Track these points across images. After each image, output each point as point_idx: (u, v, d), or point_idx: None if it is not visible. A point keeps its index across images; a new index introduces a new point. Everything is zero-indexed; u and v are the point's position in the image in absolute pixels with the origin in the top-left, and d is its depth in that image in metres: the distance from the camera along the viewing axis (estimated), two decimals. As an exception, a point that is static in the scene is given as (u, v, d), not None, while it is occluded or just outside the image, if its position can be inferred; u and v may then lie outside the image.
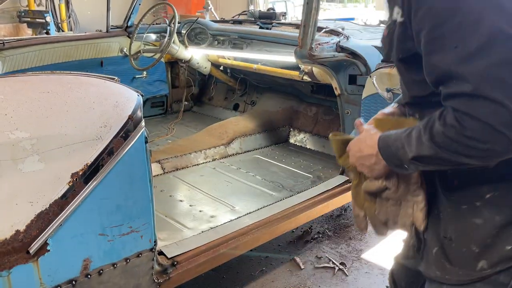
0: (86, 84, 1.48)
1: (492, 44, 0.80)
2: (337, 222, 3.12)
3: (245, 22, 3.52)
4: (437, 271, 1.09)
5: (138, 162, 1.56)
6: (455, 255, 1.05)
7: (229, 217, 2.23)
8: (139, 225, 1.61)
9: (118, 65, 3.58)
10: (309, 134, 3.33)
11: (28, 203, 1.32)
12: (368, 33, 3.12)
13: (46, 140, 1.33)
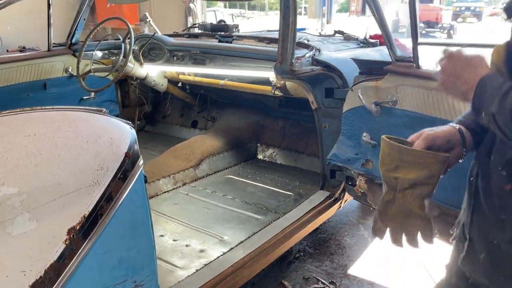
0: (74, 120, 1.26)
1: None
2: (314, 237, 3.05)
3: (202, 36, 3.35)
4: (483, 279, 1.04)
5: (139, 205, 1.36)
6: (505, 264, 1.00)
7: (221, 250, 2.06)
8: (143, 277, 1.40)
9: (63, 86, 3.25)
10: (278, 149, 3.24)
11: (20, 272, 1.08)
12: (331, 44, 3.10)
13: (37, 193, 1.09)
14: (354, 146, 2.34)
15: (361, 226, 3.23)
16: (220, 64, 2.91)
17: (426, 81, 1.88)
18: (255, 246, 2.07)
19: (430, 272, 2.62)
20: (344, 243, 2.99)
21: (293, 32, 2.22)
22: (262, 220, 2.36)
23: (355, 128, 2.33)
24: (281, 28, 2.22)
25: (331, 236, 3.07)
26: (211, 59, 2.95)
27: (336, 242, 3.01)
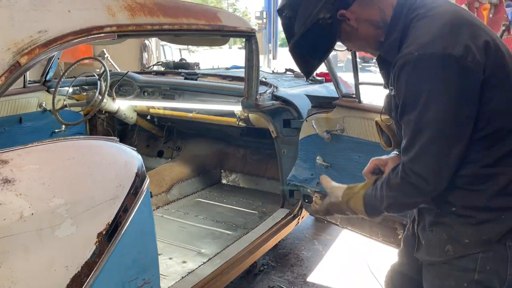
0: (97, 147, 1.56)
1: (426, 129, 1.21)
2: (275, 252, 3.40)
3: (168, 73, 3.70)
4: (426, 256, 1.46)
5: (146, 215, 1.66)
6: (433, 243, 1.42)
7: (201, 260, 2.36)
8: (150, 276, 1.68)
9: (37, 120, 3.44)
10: (240, 174, 3.60)
11: (64, 267, 1.35)
12: (284, 81, 3.55)
13: (77, 204, 1.38)
14: (309, 168, 2.76)
15: (315, 241, 3.63)
16: (189, 99, 3.26)
17: (366, 113, 2.35)
18: (231, 255, 2.39)
19: (373, 271, 3.05)
20: (301, 256, 3.37)
21: (257, 73, 2.63)
22: (233, 235, 2.68)
23: (309, 153, 2.76)
24: (246, 69, 2.62)
25: (290, 251, 3.44)
26: (180, 95, 3.29)
27: (295, 256, 3.38)
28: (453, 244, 1.36)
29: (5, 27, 1.34)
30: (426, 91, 1.19)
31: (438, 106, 1.18)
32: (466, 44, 1.16)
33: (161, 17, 1.93)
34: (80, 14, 1.57)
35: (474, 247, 1.33)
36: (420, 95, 1.20)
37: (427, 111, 1.19)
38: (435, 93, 1.18)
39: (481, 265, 1.33)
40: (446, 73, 1.17)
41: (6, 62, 1.31)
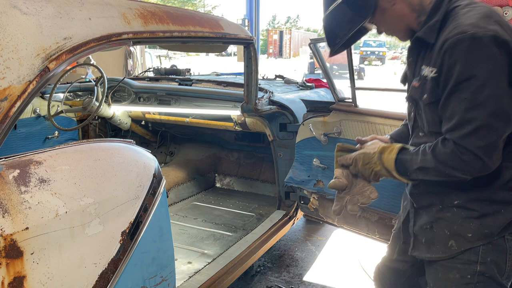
0: (119, 149, 1.62)
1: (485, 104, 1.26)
2: (271, 254, 3.48)
3: (162, 79, 3.75)
4: (426, 254, 1.54)
5: (163, 215, 1.73)
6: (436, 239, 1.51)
7: (205, 260, 2.42)
8: (167, 273, 1.75)
9: (32, 126, 3.45)
10: (234, 177, 3.68)
11: (93, 264, 1.40)
12: (277, 87, 3.66)
13: (104, 203, 1.44)
14: (306, 170, 2.86)
15: (308, 242, 3.73)
16: (185, 104, 3.32)
17: (362, 116, 2.47)
18: (234, 255, 2.46)
19: (365, 268, 3.17)
20: (296, 257, 3.46)
21: (255, 79, 2.72)
22: (234, 236, 2.76)
23: (306, 155, 2.86)
24: (245, 75, 2.71)
25: (284, 252, 3.53)
26: (176, 100, 3.36)
27: (289, 256, 3.47)
28: (456, 239, 1.45)
29: (34, 34, 1.39)
30: (483, 68, 1.23)
31: (495, 85, 1.23)
32: (509, 34, 1.27)
33: (170, 25, 2.01)
34: (99, 21, 1.63)
35: (476, 240, 1.42)
36: (476, 73, 1.23)
37: (485, 88, 1.22)
38: (492, 72, 1.23)
39: (482, 257, 1.42)
40: (499, 54, 1.23)
41: (37, 67, 1.37)
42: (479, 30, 1.23)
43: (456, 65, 1.26)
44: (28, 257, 1.20)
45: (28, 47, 1.35)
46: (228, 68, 9.77)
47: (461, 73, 1.26)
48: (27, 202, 1.21)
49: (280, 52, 38.42)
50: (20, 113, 1.32)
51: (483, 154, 1.26)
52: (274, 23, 62.04)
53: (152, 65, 9.07)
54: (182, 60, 27.80)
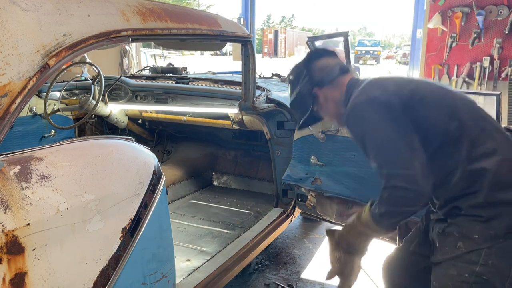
0: (118, 146, 1.62)
1: None
2: (268, 252, 3.49)
3: (158, 77, 3.75)
4: (440, 256, 1.60)
5: (163, 212, 1.73)
6: None
7: (204, 258, 2.43)
8: (167, 270, 1.75)
9: (27, 125, 3.43)
10: (232, 176, 3.68)
11: (94, 261, 1.40)
12: (274, 86, 3.66)
13: (105, 200, 1.44)
14: (304, 167, 2.87)
15: (305, 240, 3.75)
16: (182, 103, 3.32)
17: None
18: (232, 253, 2.46)
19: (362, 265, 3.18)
20: (293, 254, 3.47)
21: (253, 77, 2.73)
22: (232, 234, 2.76)
23: (304, 153, 2.87)
24: (243, 73, 2.72)
25: (281, 250, 3.54)
26: (173, 98, 3.36)
27: (287, 254, 3.48)
28: (464, 240, 1.50)
29: (34, 30, 1.39)
30: (366, 127, 1.58)
31: (379, 134, 1.54)
32: (381, 92, 1.60)
33: (169, 22, 2.01)
34: (98, 18, 1.63)
35: (483, 242, 1.46)
36: (364, 132, 1.59)
37: (374, 141, 1.56)
38: (374, 126, 1.55)
39: (484, 259, 1.46)
40: (373, 108, 1.56)
41: (36, 64, 1.37)
42: (355, 101, 1.62)
43: (352, 134, 1.68)
44: (29, 253, 1.20)
45: (27, 43, 1.35)
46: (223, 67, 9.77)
47: (356, 138, 1.64)
48: (29, 198, 1.21)
49: (275, 51, 38.43)
50: (20, 109, 1.31)
51: (407, 186, 1.46)
52: (269, 23, 62.10)
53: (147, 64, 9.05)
54: (177, 60, 27.73)
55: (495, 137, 1.54)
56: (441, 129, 1.54)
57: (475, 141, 1.50)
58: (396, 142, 1.50)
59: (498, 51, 5.00)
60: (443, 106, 1.58)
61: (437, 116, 1.55)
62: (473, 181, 1.48)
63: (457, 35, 5.24)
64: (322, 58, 1.88)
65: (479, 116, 1.59)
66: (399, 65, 29.44)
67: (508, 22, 4.90)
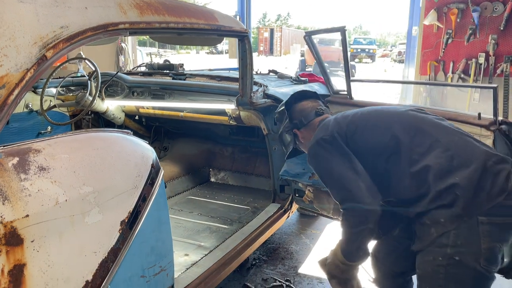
0: (117, 139, 1.61)
1: None
2: (265, 247, 3.49)
3: (155, 74, 3.74)
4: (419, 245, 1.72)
5: (162, 205, 1.73)
6: None
7: (202, 252, 2.42)
8: (166, 263, 1.75)
9: (24, 121, 3.41)
10: (229, 172, 3.68)
11: (93, 253, 1.40)
12: (271, 82, 3.66)
13: (103, 192, 1.43)
14: (301, 163, 2.87)
15: (302, 235, 3.75)
16: (179, 99, 3.31)
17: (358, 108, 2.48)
18: (230, 247, 2.46)
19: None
20: (291, 250, 3.48)
21: (250, 72, 2.72)
22: (230, 229, 2.76)
23: (301, 148, 2.87)
24: (240, 68, 2.72)
25: (279, 245, 3.55)
26: (170, 94, 3.35)
27: (284, 250, 3.48)
28: (434, 226, 1.62)
29: (31, 22, 1.38)
30: (318, 165, 1.89)
31: (328, 168, 1.83)
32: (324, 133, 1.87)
33: (166, 16, 2.00)
34: (96, 11, 1.63)
35: (450, 224, 1.58)
36: (318, 169, 1.90)
37: (326, 175, 1.86)
38: (323, 163, 1.85)
39: (453, 240, 1.57)
40: (320, 148, 1.85)
41: (34, 56, 1.36)
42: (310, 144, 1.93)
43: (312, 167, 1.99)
44: (28, 244, 1.20)
45: (25, 35, 1.34)
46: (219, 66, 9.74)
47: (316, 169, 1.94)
48: (27, 190, 1.20)
49: (271, 49, 38.42)
50: (18, 101, 1.31)
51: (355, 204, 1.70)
52: (265, 21, 62.05)
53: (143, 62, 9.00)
54: (172, 58, 27.68)
55: (431, 134, 1.71)
56: (382, 146, 1.76)
57: (412, 146, 1.70)
58: (341, 172, 1.76)
59: (494, 47, 5.02)
60: (378, 128, 1.81)
61: (375, 137, 1.79)
62: (420, 179, 1.65)
63: (452, 32, 5.26)
64: (302, 101, 2.17)
65: (413, 125, 1.77)
66: (394, 63, 29.52)
67: (503, 18, 4.92)
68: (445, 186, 1.59)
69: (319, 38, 18.01)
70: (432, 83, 5.51)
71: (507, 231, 1.58)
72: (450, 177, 1.60)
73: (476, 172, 1.57)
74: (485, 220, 1.54)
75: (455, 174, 1.59)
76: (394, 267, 2.02)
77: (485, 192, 1.55)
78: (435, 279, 1.62)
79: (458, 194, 1.56)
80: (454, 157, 1.62)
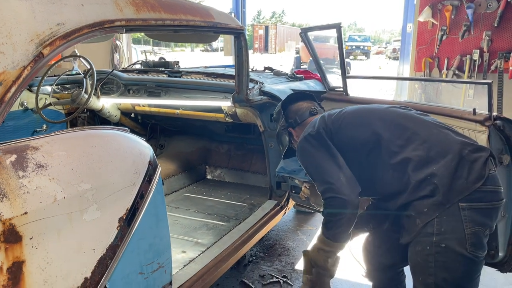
0: (114, 136, 1.61)
1: None
2: (262, 244, 3.50)
3: (150, 71, 3.73)
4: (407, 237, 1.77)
5: (159, 202, 1.73)
6: None
7: (199, 249, 2.43)
8: (163, 260, 1.75)
9: (19, 119, 3.40)
10: (225, 169, 3.68)
11: (91, 250, 1.40)
12: (267, 79, 3.67)
13: (101, 189, 1.44)
14: (297, 160, 2.88)
15: (299, 232, 3.77)
16: (175, 96, 3.31)
17: (353, 104, 2.50)
18: (227, 244, 2.47)
19: (356, 256, 3.21)
20: (287, 246, 3.49)
21: (247, 69, 2.73)
22: (227, 225, 2.77)
23: (297, 145, 2.88)
24: (236, 65, 2.72)
25: (276, 242, 3.56)
26: (166, 92, 3.34)
27: (281, 246, 3.50)
28: (419, 216, 1.67)
29: (27, 19, 1.38)
30: (304, 159, 1.99)
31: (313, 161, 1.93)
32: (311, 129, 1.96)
33: (162, 13, 2.00)
34: (92, 8, 1.62)
35: (432, 212, 1.63)
36: (304, 163, 2.00)
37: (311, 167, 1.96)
38: (309, 157, 1.95)
39: (437, 228, 1.63)
40: (307, 143, 1.95)
41: (31, 53, 1.36)
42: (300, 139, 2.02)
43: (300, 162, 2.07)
44: (27, 241, 1.20)
45: (21, 32, 1.34)
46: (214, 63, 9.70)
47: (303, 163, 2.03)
48: (25, 187, 1.20)
49: (265, 47, 38.38)
50: (15, 99, 1.30)
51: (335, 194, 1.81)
52: (260, 18, 61.95)
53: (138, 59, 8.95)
54: (167, 56, 27.58)
55: (409, 128, 1.78)
56: (364, 141, 1.84)
57: (391, 140, 1.77)
58: (324, 165, 1.86)
59: (488, 43, 5.05)
60: (360, 124, 1.90)
61: (358, 133, 1.88)
62: (401, 171, 1.72)
63: (447, 28, 5.28)
64: (298, 102, 2.24)
65: (393, 120, 1.85)
66: (389, 60, 29.57)
67: (497, 15, 4.94)
68: (424, 176, 1.66)
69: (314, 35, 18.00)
70: (427, 79, 5.53)
71: (488, 216, 1.63)
72: (428, 167, 1.67)
73: (453, 161, 1.64)
74: (466, 206, 1.60)
75: (432, 164, 1.66)
76: (385, 259, 2.08)
77: (463, 179, 1.61)
78: (425, 268, 1.67)
79: (436, 183, 1.63)
80: (432, 148, 1.69)
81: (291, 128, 2.21)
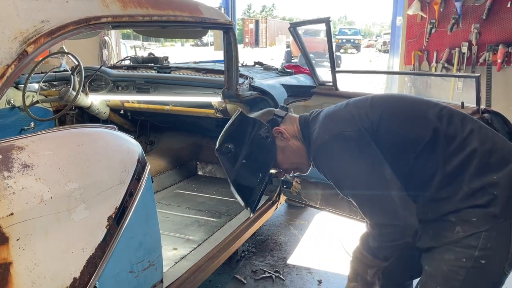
0: (101, 134, 1.60)
1: None
2: (254, 239, 3.51)
3: (139, 67, 3.70)
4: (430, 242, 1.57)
5: (149, 200, 1.72)
6: None
7: (191, 246, 2.43)
8: (154, 258, 1.75)
9: (6, 118, 3.35)
10: (216, 165, 3.67)
11: (80, 250, 1.39)
12: (257, 74, 3.65)
13: (89, 188, 1.42)
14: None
15: (290, 226, 3.78)
16: (164, 92, 3.28)
17: (343, 99, 2.49)
18: (218, 241, 2.47)
19: (347, 249, 3.24)
20: (279, 241, 3.50)
21: (236, 64, 2.71)
22: (218, 222, 2.77)
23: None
24: (225, 61, 2.70)
25: (267, 237, 3.56)
26: (155, 88, 3.32)
27: (273, 241, 3.50)
28: (462, 224, 1.47)
29: (11, 16, 1.36)
30: (337, 167, 1.54)
31: (352, 172, 1.51)
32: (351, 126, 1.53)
33: (149, 9, 1.98)
34: (77, 4, 1.60)
35: (482, 224, 1.44)
36: (337, 172, 1.55)
37: (348, 180, 1.53)
38: (345, 164, 1.52)
39: (483, 243, 1.43)
40: (340, 147, 1.51)
41: (14, 51, 1.34)
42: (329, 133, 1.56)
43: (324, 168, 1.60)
44: (13, 243, 1.18)
45: (4, 30, 1.32)
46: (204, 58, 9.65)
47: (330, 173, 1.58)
48: (11, 188, 1.19)
49: (256, 41, 38.28)
50: (0, 97, 1.28)
51: (390, 222, 1.47)
52: (250, 12, 61.74)
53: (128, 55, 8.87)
54: (157, 51, 27.41)
55: (464, 123, 1.53)
56: (415, 139, 1.52)
57: (447, 137, 1.50)
58: (369, 178, 1.50)
59: (476, 36, 5.08)
60: (412, 117, 1.57)
61: (410, 129, 1.54)
62: (455, 176, 1.48)
63: (436, 21, 5.30)
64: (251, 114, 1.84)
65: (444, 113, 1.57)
66: (379, 53, 29.66)
67: (486, 7, 4.97)
68: (481, 184, 1.45)
69: (304, 29, 17.97)
70: (416, 73, 5.56)
71: None
72: (487, 175, 1.45)
73: None
74: None
75: (492, 173, 1.45)
76: (403, 279, 1.87)
77: None
78: (450, 279, 1.49)
79: (496, 194, 1.43)
80: (492, 152, 1.48)
81: (277, 128, 1.70)
